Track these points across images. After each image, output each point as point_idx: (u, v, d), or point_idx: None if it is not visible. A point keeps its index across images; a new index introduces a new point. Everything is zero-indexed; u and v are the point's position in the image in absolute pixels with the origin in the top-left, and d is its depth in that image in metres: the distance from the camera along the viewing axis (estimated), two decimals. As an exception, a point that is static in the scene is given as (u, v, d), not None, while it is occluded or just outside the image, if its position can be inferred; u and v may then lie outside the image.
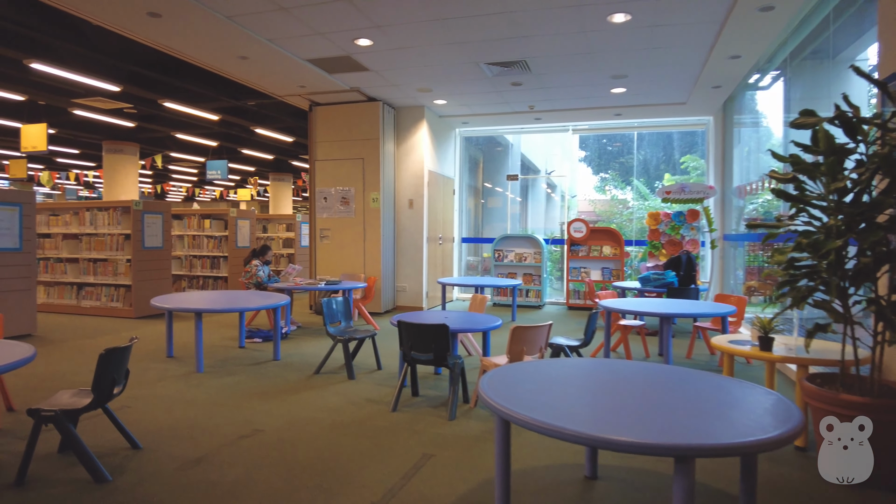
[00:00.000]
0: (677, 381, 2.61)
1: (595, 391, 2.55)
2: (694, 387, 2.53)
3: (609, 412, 2.21)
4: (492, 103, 8.88)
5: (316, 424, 3.75)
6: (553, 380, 2.67)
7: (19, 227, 6.58)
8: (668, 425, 2.00)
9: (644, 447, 1.83)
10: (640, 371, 2.83)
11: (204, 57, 6.82)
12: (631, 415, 2.16)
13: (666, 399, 2.36)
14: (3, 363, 2.66)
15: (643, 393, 2.46)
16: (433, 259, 9.55)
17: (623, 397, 2.41)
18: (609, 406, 2.30)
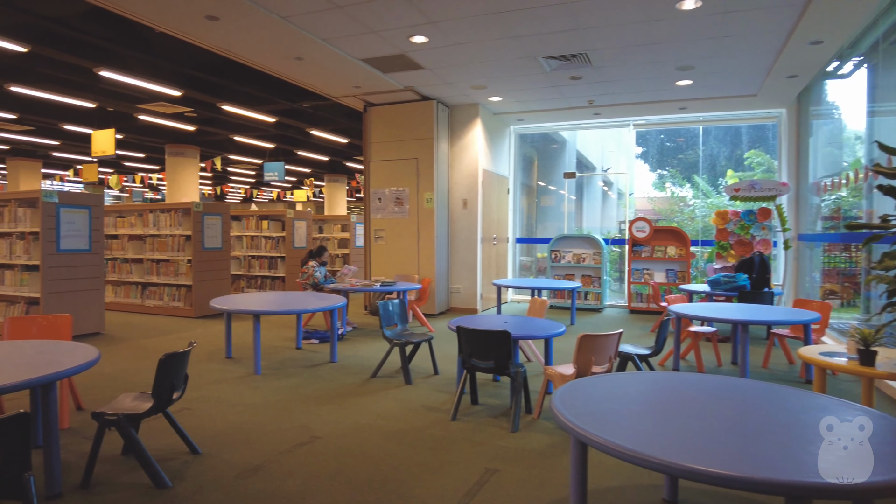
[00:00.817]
0: (769, 399, 2.35)
1: (681, 411, 2.31)
2: (790, 406, 2.26)
3: (700, 437, 1.98)
4: (549, 99, 8.61)
5: (374, 432, 3.63)
6: (632, 397, 2.45)
7: (89, 229, 6.79)
8: (772, 456, 1.76)
9: (752, 483, 1.60)
10: (725, 387, 2.56)
11: (260, 59, 6.86)
12: (726, 441, 1.92)
13: (762, 422, 2.10)
14: (70, 366, 2.66)
15: (735, 413, 2.21)
16: (487, 260, 9.36)
17: (713, 419, 2.17)
18: (699, 430, 2.06)
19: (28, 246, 6.63)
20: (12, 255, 6.76)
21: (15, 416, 1.89)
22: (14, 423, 1.89)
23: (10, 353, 2.93)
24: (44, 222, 6.35)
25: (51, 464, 2.72)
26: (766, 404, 2.31)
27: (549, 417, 3.96)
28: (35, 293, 6.53)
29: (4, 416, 1.87)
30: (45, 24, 6.83)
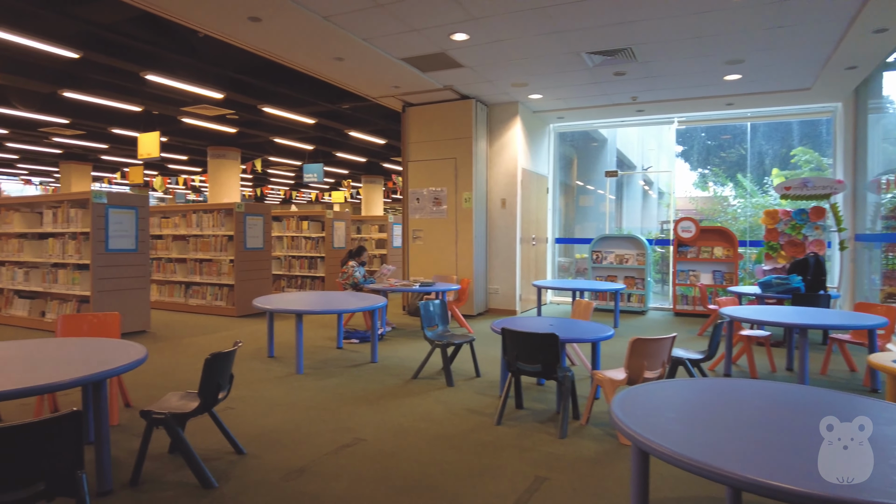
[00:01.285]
0: (840, 410, 2.18)
1: (745, 420, 2.16)
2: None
3: (769, 449, 1.83)
4: (590, 95, 8.43)
5: (418, 435, 3.56)
6: (692, 404, 2.31)
7: (135, 229, 6.94)
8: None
9: (831, 502, 1.46)
10: (790, 395, 2.40)
11: (301, 60, 6.89)
12: (799, 454, 1.78)
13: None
14: (120, 364, 2.67)
15: (804, 424, 2.05)
16: (526, 260, 9.23)
17: (782, 429, 2.02)
18: (767, 441, 1.92)
19: (79, 246, 6.82)
20: (65, 255, 6.96)
21: (69, 415, 1.88)
22: (68, 420, 1.89)
23: (63, 350, 2.97)
24: (94, 223, 6.51)
25: (102, 461, 2.73)
26: (837, 415, 2.15)
27: (597, 423, 3.82)
28: (86, 291, 6.70)
29: (59, 414, 1.86)
30: (96, 30, 7.01)
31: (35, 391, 2.34)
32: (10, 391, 2.27)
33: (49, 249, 7.17)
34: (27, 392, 2.31)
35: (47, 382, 2.37)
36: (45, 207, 7.34)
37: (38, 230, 7.38)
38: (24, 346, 3.07)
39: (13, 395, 2.28)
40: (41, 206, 7.54)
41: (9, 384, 2.33)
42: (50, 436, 1.88)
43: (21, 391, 2.29)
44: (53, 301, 7.22)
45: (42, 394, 2.37)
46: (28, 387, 2.31)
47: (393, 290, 6.95)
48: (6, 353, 2.88)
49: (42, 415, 3.62)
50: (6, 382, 2.35)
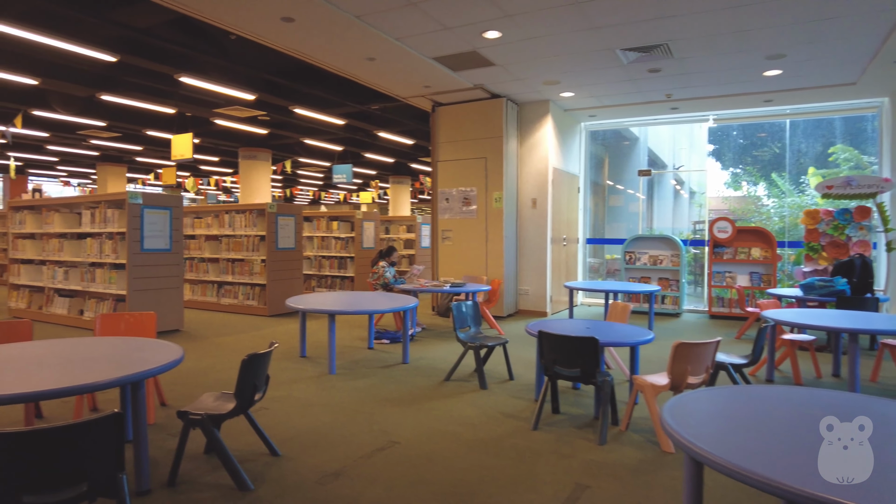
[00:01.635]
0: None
1: (802, 430, 2.04)
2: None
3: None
4: (624, 93, 8.26)
5: (453, 439, 3.50)
6: (746, 413, 2.20)
7: (169, 229, 7.03)
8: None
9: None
10: (845, 403, 2.26)
11: (333, 60, 6.90)
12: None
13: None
14: (158, 364, 2.66)
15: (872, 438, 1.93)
16: (557, 261, 9.09)
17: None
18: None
19: (116, 245, 6.93)
20: (102, 255, 7.09)
21: (111, 416, 1.87)
22: (110, 422, 1.87)
23: (102, 349, 2.98)
24: (129, 223, 6.61)
25: (140, 461, 2.73)
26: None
27: (638, 430, 3.71)
28: (122, 290, 6.81)
29: (101, 416, 1.85)
30: (133, 34, 7.12)
31: (76, 391, 2.34)
32: (52, 390, 2.28)
33: (87, 249, 7.32)
34: (69, 392, 2.31)
35: (88, 382, 2.37)
36: (83, 208, 7.49)
37: (77, 230, 7.53)
38: (65, 344, 3.10)
39: (55, 395, 2.29)
40: (80, 207, 7.70)
41: (51, 383, 2.34)
42: (93, 437, 1.86)
43: (63, 391, 2.29)
44: (91, 300, 7.36)
45: (83, 393, 2.37)
46: (69, 386, 2.32)
47: (423, 291, 6.91)
48: (47, 352, 2.91)
49: (82, 412, 3.67)
50: (48, 382, 2.36)
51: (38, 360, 2.75)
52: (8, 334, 3.55)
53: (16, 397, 2.24)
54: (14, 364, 2.66)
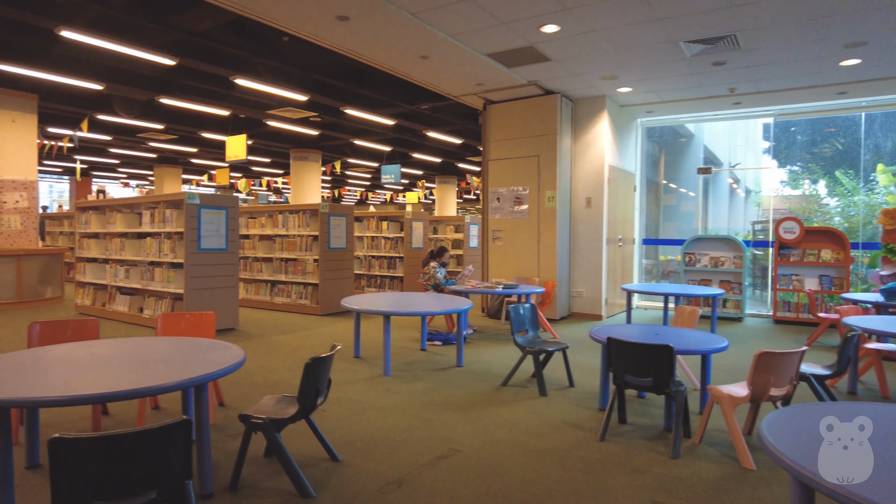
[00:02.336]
0: None
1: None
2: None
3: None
4: (684, 88, 7.93)
5: (516, 448, 3.36)
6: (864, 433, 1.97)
7: (225, 229, 7.13)
8: None
9: None
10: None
11: (387, 59, 6.85)
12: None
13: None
14: (221, 367, 2.62)
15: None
16: (612, 262, 8.80)
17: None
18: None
19: (174, 245, 7.07)
20: (161, 254, 7.25)
21: (180, 423, 1.81)
22: (179, 428, 1.82)
23: (164, 350, 2.98)
24: (187, 222, 6.73)
25: (203, 464, 2.70)
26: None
27: (712, 443, 3.48)
28: (179, 289, 6.94)
29: (171, 423, 1.80)
30: (191, 38, 7.26)
31: (143, 393, 2.32)
32: (119, 392, 2.26)
33: (147, 248, 7.50)
34: (136, 394, 2.29)
35: (154, 385, 2.34)
36: (143, 208, 7.69)
37: (137, 230, 7.73)
38: (130, 344, 3.11)
39: (122, 397, 2.27)
40: (140, 207, 7.91)
41: (118, 385, 2.32)
42: (162, 443, 1.81)
43: (130, 393, 2.27)
44: (150, 298, 7.54)
45: (149, 396, 2.35)
46: (136, 388, 2.29)
47: (475, 292, 6.78)
48: (114, 352, 2.92)
49: (145, 410, 3.70)
50: (115, 383, 2.35)
51: (105, 360, 2.75)
52: (77, 332, 3.61)
53: (85, 398, 2.23)
54: (83, 364, 2.67)
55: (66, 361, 2.71)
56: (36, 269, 9.32)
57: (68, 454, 1.69)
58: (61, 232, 14.76)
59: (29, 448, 3.08)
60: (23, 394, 2.20)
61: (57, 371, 2.54)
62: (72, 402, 2.21)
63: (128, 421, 3.77)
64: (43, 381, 2.39)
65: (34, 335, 3.49)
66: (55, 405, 2.21)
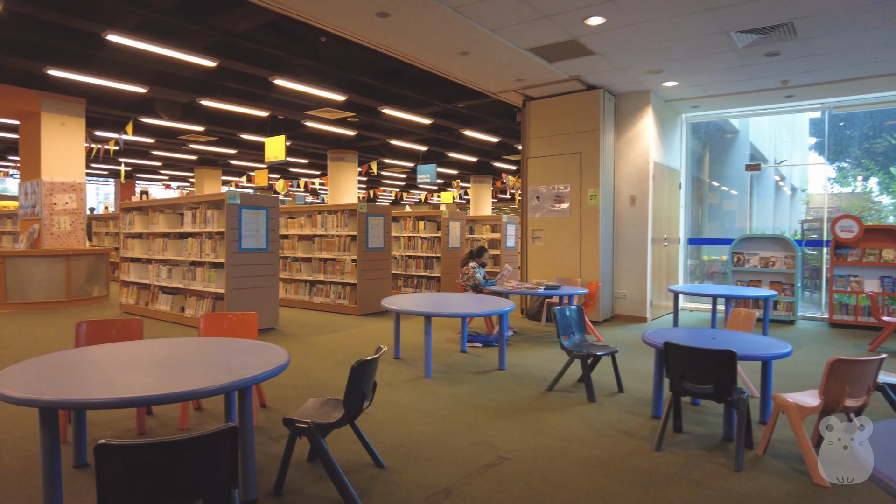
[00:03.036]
0: None
1: None
2: None
3: None
4: (733, 81, 7.61)
5: (567, 457, 3.21)
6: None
7: (266, 229, 7.14)
8: None
9: None
10: None
11: (425, 56, 6.75)
12: None
13: None
14: (264, 370, 2.54)
15: None
16: (656, 263, 8.52)
17: None
18: None
19: (215, 245, 7.13)
20: (202, 254, 7.32)
21: (226, 430, 1.74)
22: (225, 436, 1.74)
23: (208, 351, 2.93)
24: (228, 222, 6.76)
25: (247, 469, 2.64)
26: None
27: (777, 455, 3.26)
28: (220, 289, 6.99)
29: (217, 430, 1.72)
30: (231, 39, 7.31)
31: (187, 396, 2.26)
32: (163, 395, 2.20)
33: (188, 248, 7.58)
34: (180, 397, 2.23)
35: (198, 388, 2.27)
36: (185, 208, 7.78)
37: (179, 230, 7.83)
38: (173, 345, 3.08)
39: (167, 400, 2.21)
40: (182, 208, 8.00)
41: (162, 387, 2.27)
42: (208, 451, 1.74)
43: (173, 396, 2.21)
44: (192, 297, 7.62)
45: (192, 399, 2.30)
46: (180, 392, 2.23)
47: (515, 293, 6.63)
48: (157, 353, 2.88)
49: (188, 411, 3.68)
50: (159, 386, 2.30)
51: (149, 361, 2.72)
52: (122, 332, 3.61)
53: (130, 401, 2.18)
54: (128, 365, 2.64)
55: (111, 362, 2.68)
56: (83, 268, 9.55)
57: (114, 460, 1.63)
58: (107, 232, 15.17)
59: (76, 447, 3.08)
60: (70, 395, 2.17)
61: (103, 372, 2.51)
62: (117, 404, 2.17)
63: (171, 421, 3.75)
64: (89, 382, 2.36)
65: (81, 334, 3.50)
66: (101, 407, 2.18)
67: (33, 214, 9.96)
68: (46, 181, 9.77)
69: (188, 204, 7.76)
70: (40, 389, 2.24)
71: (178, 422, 3.68)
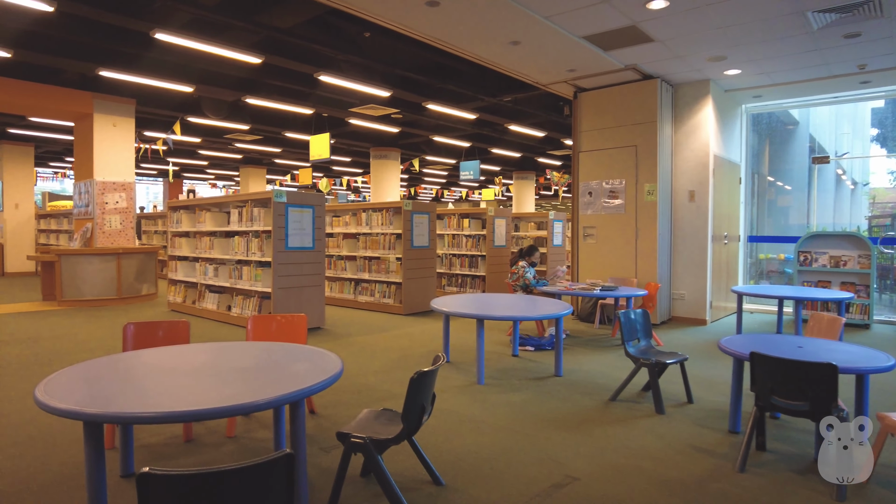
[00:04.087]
0: None
1: None
2: None
3: None
4: (804, 67, 7.09)
5: (641, 477, 2.92)
6: None
7: (312, 228, 7.04)
8: None
9: None
10: None
11: (474, 47, 6.50)
12: None
13: None
14: (317, 381, 2.33)
15: None
16: (716, 262, 8.05)
17: None
18: None
19: (262, 243, 7.06)
20: (248, 252, 7.26)
21: (283, 457, 1.54)
22: (282, 464, 1.54)
23: (257, 358, 2.76)
24: (275, 221, 6.68)
25: (300, 487, 2.45)
26: None
27: (884, 482, 2.90)
28: (267, 288, 6.91)
29: (273, 457, 1.52)
30: (275, 35, 7.22)
31: (236, 411, 2.08)
32: (212, 410, 2.03)
33: (235, 247, 7.55)
34: (229, 412, 2.05)
35: (248, 402, 2.09)
36: (231, 207, 7.75)
37: (226, 228, 7.81)
38: (220, 351, 2.93)
39: (216, 415, 2.04)
40: (228, 206, 7.98)
41: (210, 399, 2.10)
42: (263, 480, 1.54)
43: (222, 411, 2.04)
44: (238, 296, 7.59)
45: (241, 414, 2.13)
46: (229, 406, 2.05)
47: (569, 294, 6.32)
48: (204, 359, 2.73)
49: (235, 421, 3.54)
50: (207, 398, 2.13)
51: (197, 369, 2.56)
52: (169, 334, 3.49)
53: (177, 416, 2.02)
54: (175, 373, 2.49)
55: (158, 370, 2.54)
56: (133, 266, 9.69)
57: (159, 491, 1.45)
58: (155, 231, 15.48)
59: (123, 456, 2.97)
60: (116, 408, 2.02)
61: (150, 381, 2.37)
62: (165, 419, 2.01)
63: (219, 428, 3.62)
64: (136, 392, 2.22)
65: (129, 336, 3.40)
66: (148, 422, 2.02)
67: (87, 214, 10.17)
68: (99, 181, 9.94)
69: (234, 202, 7.73)
70: (86, 400, 2.10)
71: (226, 429, 3.54)
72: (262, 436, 3.52)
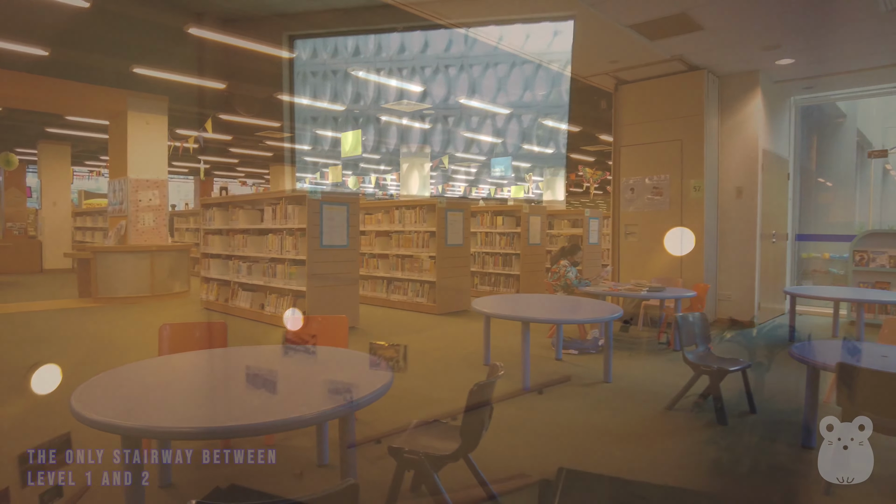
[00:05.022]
0: None
1: None
2: None
3: None
4: (864, 55, 6.67)
5: (719, 499, 2.67)
6: None
7: (346, 225, 6.89)
8: None
9: None
10: None
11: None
12: None
13: None
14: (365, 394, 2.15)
15: None
16: (764, 261, 7.67)
17: None
18: None
19: (296, 241, 6.94)
20: (282, 250, 7.15)
21: (346, 489, 1.35)
22: (344, 496, 1.36)
23: (299, 364, 2.59)
24: (309, 218, 6.54)
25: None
26: None
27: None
28: (301, 287, 6.79)
29: (334, 490, 1.33)
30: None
31: (279, 427, 1.92)
32: (254, 426, 1.85)
33: (269, 245, 7.45)
34: (270, 428, 1.89)
35: (293, 416, 1.91)
36: (265, 204, 7.65)
37: (259, 226, 7.71)
38: (260, 356, 2.77)
39: (258, 431, 1.87)
40: (262, 204, 7.89)
41: (251, 415, 1.93)
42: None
43: (266, 426, 1.87)
44: (272, 294, 7.49)
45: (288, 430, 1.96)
46: (273, 421, 1.88)
47: (614, 295, 6.05)
48: (243, 366, 2.57)
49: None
50: (249, 413, 1.96)
51: (235, 376, 2.40)
52: (205, 337, 3.35)
53: (218, 431, 1.86)
54: (214, 381, 2.33)
55: (196, 377, 2.39)
56: (166, 264, 9.69)
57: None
58: (187, 228, 15.57)
59: (161, 466, 2.83)
60: (154, 422, 1.86)
61: (188, 390, 2.21)
62: (204, 434, 1.85)
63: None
64: (174, 404, 2.06)
65: (164, 339, 3.26)
66: (186, 437, 1.87)
67: (120, 211, 10.21)
68: (132, 178, 9.97)
69: (268, 200, 7.63)
70: (122, 412, 1.95)
71: (265, 437, 3.39)
72: (302, 444, 3.35)
